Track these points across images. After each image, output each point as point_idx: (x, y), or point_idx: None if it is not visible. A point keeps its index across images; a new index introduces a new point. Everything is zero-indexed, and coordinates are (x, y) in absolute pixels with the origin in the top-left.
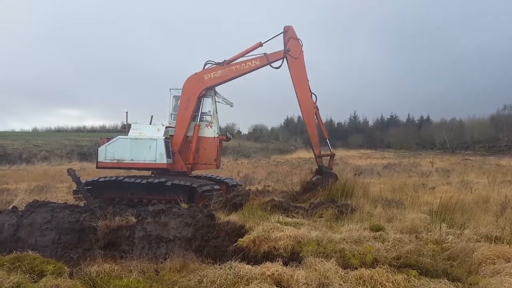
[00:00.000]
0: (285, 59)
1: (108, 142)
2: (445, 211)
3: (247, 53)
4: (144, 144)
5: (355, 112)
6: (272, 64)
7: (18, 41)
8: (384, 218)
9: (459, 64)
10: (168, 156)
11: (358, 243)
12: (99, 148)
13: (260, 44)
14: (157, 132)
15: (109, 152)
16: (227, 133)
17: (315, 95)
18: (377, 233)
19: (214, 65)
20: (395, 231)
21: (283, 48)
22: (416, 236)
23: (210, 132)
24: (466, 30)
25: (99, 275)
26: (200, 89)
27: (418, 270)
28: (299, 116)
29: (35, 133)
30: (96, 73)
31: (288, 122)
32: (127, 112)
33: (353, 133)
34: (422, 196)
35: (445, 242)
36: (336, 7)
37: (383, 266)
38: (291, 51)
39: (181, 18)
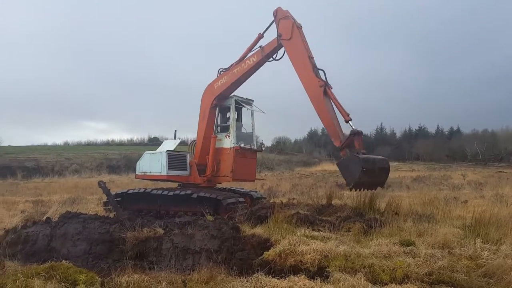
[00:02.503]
0: (282, 47)
1: (141, 157)
2: (479, 226)
3: (250, 50)
4: (156, 157)
5: (381, 124)
6: (274, 57)
7: (45, 57)
8: (415, 232)
9: (491, 73)
10: (173, 167)
11: (387, 258)
12: (137, 162)
13: (261, 36)
14: (171, 146)
15: (140, 165)
16: (240, 143)
17: (323, 71)
18: (408, 248)
19: (223, 72)
20: (427, 246)
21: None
22: (449, 251)
23: (227, 143)
24: (497, 38)
25: (129, 285)
26: (211, 99)
27: (452, 287)
28: (323, 128)
29: (66, 146)
30: (121, 86)
31: (312, 134)
32: (176, 131)
33: (379, 145)
34: (454, 210)
35: (480, 258)
36: (361, 15)
37: (414, 282)
38: (283, 34)
39: (206, 31)
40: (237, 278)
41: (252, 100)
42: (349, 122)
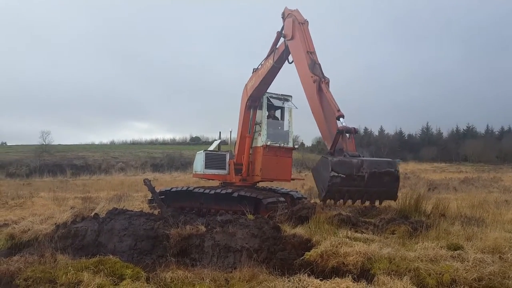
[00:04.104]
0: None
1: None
2: None
3: (272, 50)
4: (199, 157)
5: (427, 123)
6: (288, 60)
7: (93, 58)
8: (463, 236)
9: None
10: (210, 166)
11: (434, 262)
12: None
13: (279, 34)
14: (212, 146)
15: (194, 165)
16: (267, 140)
17: (319, 64)
18: (455, 252)
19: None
20: (476, 250)
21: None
22: (500, 256)
23: (259, 142)
24: None
25: (173, 281)
26: (245, 100)
27: None
28: (365, 127)
29: (112, 145)
30: (162, 87)
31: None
32: (231, 131)
33: (425, 146)
34: (505, 213)
35: None
36: (411, 9)
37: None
38: (287, 34)
39: (247, 31)
40: (279, 278)
41: (290, 96)
42: (340, 119)
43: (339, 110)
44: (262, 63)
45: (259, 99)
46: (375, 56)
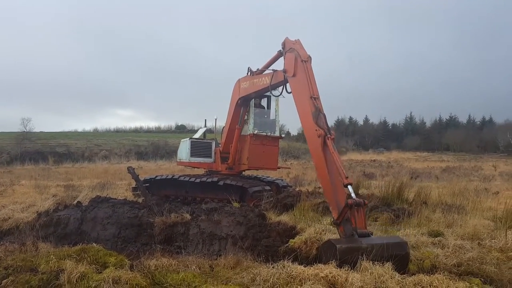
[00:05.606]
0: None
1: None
2: (511, 218)
3: (270, 64)
4: (184, 145)
5: (411, 113)
6: (286, 89)
7: (81, 48)
8: (444, 223)
9: None
10: (195, 155)
11: (415, 248)
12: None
13: (280, 54)
14: (197, 134)
15: (178, 153)
16: (255, 129)
17: (324, 114)
18: (436, 238)
19: (247, 75)
20: (456, 237)
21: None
22: (478, 243)
23: (246, 130)
24: None
25: (157, 268)
26: (236, 98)
27: (482, 279)
28: (350, 116)
29: (96, 133)
30: (148, 74)
31: (339, 123)
32: (216, 119)
33: (408, 135)
34: (484, 201)
35: (511, 250)
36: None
37: (442, 273)
38: (288, 71)
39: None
40: (263, 264)
41: None
42: (348, 186)
43: (347, 177)
44: (258, 73)
45: (250, 100)
46: (362, 46)
